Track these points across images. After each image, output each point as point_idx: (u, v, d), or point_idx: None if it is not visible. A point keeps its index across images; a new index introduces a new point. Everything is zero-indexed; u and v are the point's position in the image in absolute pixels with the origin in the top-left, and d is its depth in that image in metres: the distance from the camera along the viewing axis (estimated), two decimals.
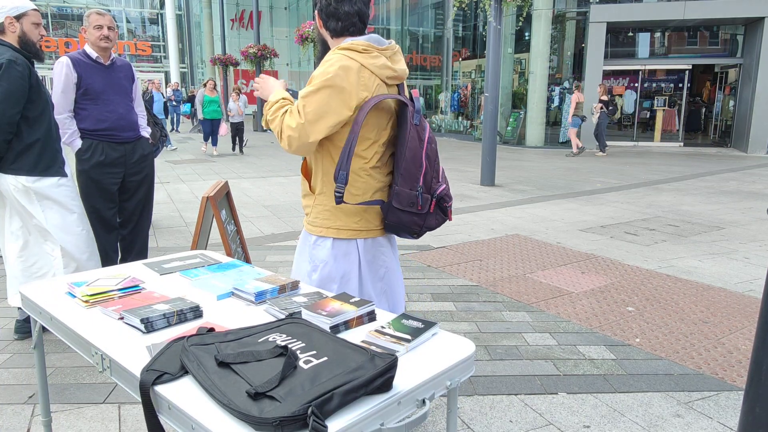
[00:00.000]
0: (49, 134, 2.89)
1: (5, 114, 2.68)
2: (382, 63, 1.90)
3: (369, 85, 1.87)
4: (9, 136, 2.74)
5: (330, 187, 1.98)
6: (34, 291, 1.74)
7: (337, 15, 1.95)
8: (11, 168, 2.79)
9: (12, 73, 2.69)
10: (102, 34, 3.31)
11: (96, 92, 3.36)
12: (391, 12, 23.09)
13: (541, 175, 9.82)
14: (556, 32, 15.74)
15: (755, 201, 7.42)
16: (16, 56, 2.73)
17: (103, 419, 2.32)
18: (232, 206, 3.17)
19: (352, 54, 1.88)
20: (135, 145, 3.58)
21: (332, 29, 1.98)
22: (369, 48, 1.90)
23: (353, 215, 1.98)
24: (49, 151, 2.88)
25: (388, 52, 1.95)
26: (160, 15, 33.58)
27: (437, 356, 1.31)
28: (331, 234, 1.99)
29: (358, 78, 1.85)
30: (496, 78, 8.53)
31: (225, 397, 1.04)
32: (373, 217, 2.01)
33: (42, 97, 2.86)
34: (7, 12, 2.80)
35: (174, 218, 6.23)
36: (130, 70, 3.59)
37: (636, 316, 3.48)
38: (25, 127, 2.81)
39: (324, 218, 2.00)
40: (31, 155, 2.82)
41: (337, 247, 1.99)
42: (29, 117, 2.81)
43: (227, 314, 1.57)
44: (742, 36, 14.62)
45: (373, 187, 1.98)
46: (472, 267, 4.47)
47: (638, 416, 2.37)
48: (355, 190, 1.96)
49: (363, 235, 2.00)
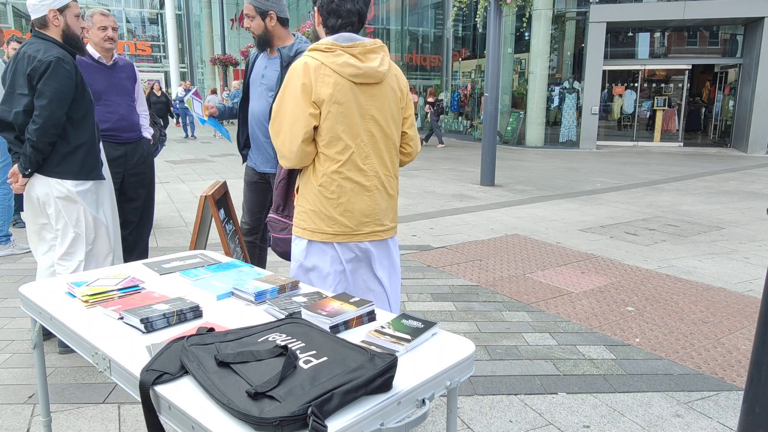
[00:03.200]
0: (93, 136, 2.78)
1: (53, 115, 2.56)
2: (344, 60, 1.89)
3: (327, 82, 1.88)
4: (55, 138, 2.61)
5: (306, 189, 2.01)
6: (33, 291, 1.74)
7: (338, 12, 1.95)
8: (55, 171, 2.66)
9: (60, 72, 2.56)
10: (106, 35, 3.28)
11: (97, 93, 3.36)
12: (391, 12, 23.07)
13: (541, 175, 9.82)
14: (556, 32, 15.73)
15: (755, 201, 7.43)
16: (63, 54, 2.60)
17: (102, 419, 2.32)
18: (231, 206, 3.17)
19: (314, 54, 1.91)
20: (136, 146, 3.57)
21: (330, 26, 1.98)
22: (332, 46, 1.91)
23: (327, 219, 1.99)
24: (93, 154, 2.77)
25: (355, 50, 1.92)
26: (160, 15, 33.59)
27: (437, 356, 1.31)
28: (306, 236, 2.03)
29: (317, 75, 1.87)
30: (496, 78, 8.53)
31: (225, 397, 1.04)
32: (349, 220, 2.00)
33: (86, 96, 2.74)
34: (50, 4, 2.64)
35: (174, 218, 6.23)
36: (133, 70, 3.58)
37: (636, 316, 3.48)
38: (71, 129, 2.67)
39: (300, 219, 2.04)
40: (77, 158, 2.69)
41: (312, 247, 2.03)
42: (74, 118, 2.68)
43: (227, 314, 1.57)
44: (742, 36, 14.62)
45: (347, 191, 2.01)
46: (472, 267, 4.47)
47: (638, 416, 2.37)
48: (329, 194, 1.98)
49: (340, 239, 2.00)
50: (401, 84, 2.09)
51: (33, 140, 2.57)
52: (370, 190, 2.00)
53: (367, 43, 1.95)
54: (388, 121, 2.03)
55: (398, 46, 22.55)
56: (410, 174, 9.86)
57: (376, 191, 2.02)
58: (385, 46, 2.05)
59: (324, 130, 1.92)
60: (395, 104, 2.06)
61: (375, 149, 2.00)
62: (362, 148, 1.97)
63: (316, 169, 1.98)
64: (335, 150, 1.94)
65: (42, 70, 2.54)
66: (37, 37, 2.68)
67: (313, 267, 2.04)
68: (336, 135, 1.92)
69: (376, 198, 2.02)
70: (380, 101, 1.99)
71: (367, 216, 2.01)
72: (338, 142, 1.93)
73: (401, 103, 2.09)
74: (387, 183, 2.07)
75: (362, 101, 1.95)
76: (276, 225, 2.25)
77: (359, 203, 1.99)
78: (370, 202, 2.01)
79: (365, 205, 2.00)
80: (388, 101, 2.02)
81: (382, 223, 2.07)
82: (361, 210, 2.00)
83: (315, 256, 2.03)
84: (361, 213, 2.00)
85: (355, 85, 1.92)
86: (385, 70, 1.97)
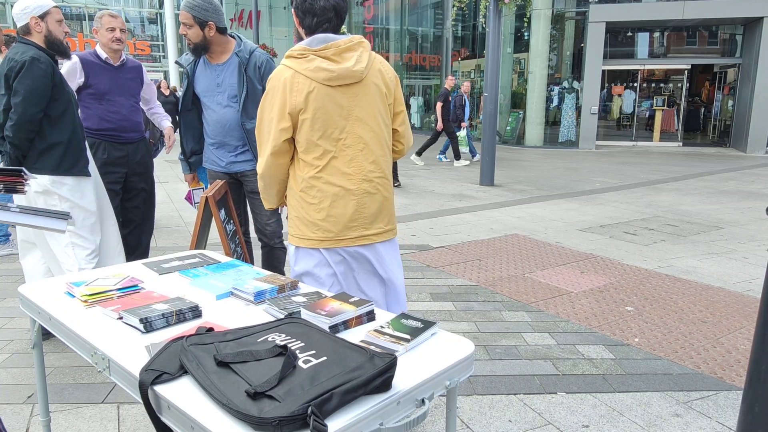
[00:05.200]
0: (73, 133, 2.84)
1: (26, 112, 2.65)
2: (315, 66, 1.86)
3: (301, 90, 1.87)
4: (31, 134, 2.70)
5: (290, 196, 2.03)
6: (32, 291, 1.74)
7: (312, 11, 1.91)
8: (34, 167, 2.75)
9: (34, 71, 2.66)
10: (114, 36, 3.34)
11: (101, 92, 3.39)
12: (391, 12, 23.06)
13: (541, 175, 9.82)
14: (556, 32, 15.73)
15: (754, 201, 7.43)
16: (39, 54, 2.71)
17: (102, 419, 2.32)
18: (231, 206, 3.17)
19: (288, 62, 1.91)
20: (138, 146, 3.60)
21: (307, 26, 1.94)
22: (305, 52, 1.89)
23: (311, 225, 1.98)
24: (72, 151, 2.83)
25: (328, 51, 1.88)
26: (159, 14, 33.53)
27: (436, 356, 1.31)
28: (294, 242, 2.05)
29: (292, 85, 1.87)
30: (495, 78, 8.53)
31: (224, 396, 1.04)
32: (333, 225, 1.97)
33: (65, 95, 2.82)
34: (31, 12, 2.77)
35: (173, 218, 6.22)
36: (140, 72, 3.61)
37: (635, 315, 3.48)
38: (48, 127, 2.77)
39: (289, 226, 2.06)
40: (55, 155, 2.77)
41: (299, 252, 2.05)
42: (52, 116, 2.77)
43: (226, 314, 1.57)
44: (741, 36, 14.62)
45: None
46: (472, 267, 4.47)
47: (637, 416, 2.38)
48: (310, 199, 1.98)
49: (325, 244, 1.99)
50: (386, 79, 2.01)
51: (10, 137, 2.67)
52: (356, 194, 1.96)
53: (341, 42, 1.89)
54: (377, 120, 1.98)
55: (398, 46, 22.55)
56: (410, 174, 9.86)
57: (363, 194, 1.97)
58: (366, 42, 1.97)
59: (301, 137, 1.91)
60: (381, 101, 1.99)
61: (363, 151, 1.96)
62: (344, 151, 1.93)
63: (297, 176, 1.98)
64: (313, 156, 1.93)
65: (17, 69, 2.65)
66: (21, 43, 2.79)
67: (304, 272, 2.04)
68: (312, 141, 1.91)
69: (364, 201, 1.97)
70: (364, 100, 1.94)
71: (353, 220, 1.97)
72: (315, 148, 1.92)
73: (388, 99, 2.02)
74: (379, 185, 2.01)
75: (343, 103, 1.91)
76: None
77: (342, 207, 1.95)
78: (356, 206, 1.97)
79: (350, 209, 1.96)
80: (373, 99, 1.96)
81: (371, 226, 2.01)
82: (345, 214, 1.96)
83: (303, 261, 2.03)
84: (345, 217, 1.96)
85: (332, 89, 1.88)
86: (362, 68, 1.91)
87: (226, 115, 2.95)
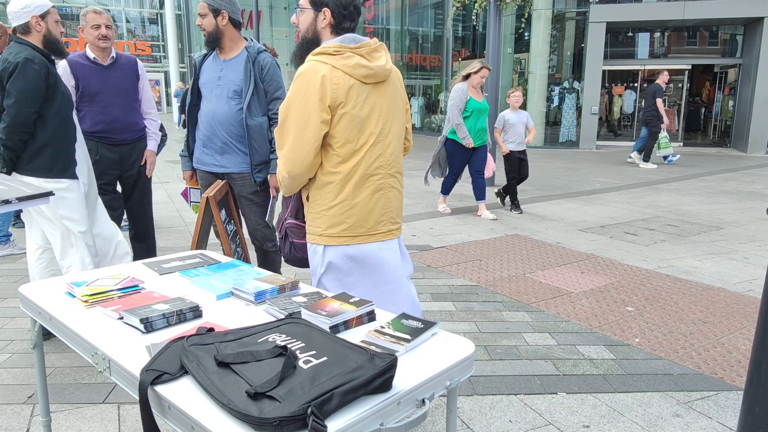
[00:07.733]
0: (65, 134, 2.81)
1: (20, 113, 2.63)
2: (355, 62, 1.89)
3: (342, 84, 1.87)
4: (25, 135, 2.68)
5: (320, 193, 2.00)
6: (33, 291, 1.74)
7: (352, 16, 1.97)
8: (26, 169, 2.73)
9: (28, 72, 2.63)
10: (100, 33, 3.26)
11: (92, 94, 3.32)
12: (391, 12, 23.07)
13: (541, 175, 9.81)
14: (556, 32, 15.73)
15: (755, 201, 7.43)
16: (33, 55, 2.68)
17: (102, 419, 2.32)
18: (232, 206, 3.17)
19: (323, 58, 1.89)
20: (133, 147, 3.53)
21: (345, 28, 1.98)
22: (341, 49, 1.90)
23: (342, 221, 1.99)
24: (64, 152, 2.81)
25: (363, 50, 1.93)
26: (160, 15, 33.55)
27: (437, 356, 1.31)
28: (321, 241, 2.04)
29: (331, 79, 1.85)
30: (495, 78, 8.53)
31: (225, 397, 1.04)
32: (365, 221, 1.99)
33: (58, 97, 2.79)
34: (32, 11, 2.73)
35: (173, 218, 6.22)
36: (135, 68, 3.49)
37: (635, 316, 3.48)
38: (41, 127, 2.74)
39: (316, 225, 2.05)
40: (45, 156, 2.74)
41: (328, 251, 2.04)
42: (45, 116, 2.74)
43: (227, 314, 1.57)
44: (742, 36, 14.62)
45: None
46: (472, 267, 4.47)
47: (638, 416, 2.37)
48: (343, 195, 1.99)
49: (357, 240, 2.00)
50: (400, 79, 2.13)
51: (3, 138, 2.65)
52: (383, 189, 2.01)
53: (371, 42, 1.97)
54: (399, 117, 2.07)
55: (398, 46, 22.54)
56: (410, 174, 9.85)
57: (389, 189, 2.03)
58: (383, 43, 2.07)
59: (338, 131, 1.91)
60: (401, 99, 2.09)
61: (388, 147, 2.01)
62: (375, 147, 1.98)
63: (330, 171, 1.96)
64: (347, 150, 1.93)
65: (10, 70, 2.63)
66: (16, 43, 2.76)
67: (331, 270, 2.03)
68: (350, 136, 1.92)
69: (389, 196, 2.04)
70: (390, 98, 2.02)
71: (382, 215, 2.03)
72: (348, 143, 1.93)
73: (402, 97, 2.13)
74: (399, 180, 2.09)
75: (376, 100, 1.96)
76: (298, 231, 2.20)
77: (373, 203, 1.99)
78: (385, 201, 2.02)
79: (380, 204, 2.01)
80: (396, 97, 2.05)
81: (396, 221, 2.10)
82: (376, 209, 2.00)
83: (331, 259, 2.02)
84: (376, 212, 2.01)
85: (366, 86, 1.94)
86: (390, 67, 2.00)
87: (217, 108, 2.94)
